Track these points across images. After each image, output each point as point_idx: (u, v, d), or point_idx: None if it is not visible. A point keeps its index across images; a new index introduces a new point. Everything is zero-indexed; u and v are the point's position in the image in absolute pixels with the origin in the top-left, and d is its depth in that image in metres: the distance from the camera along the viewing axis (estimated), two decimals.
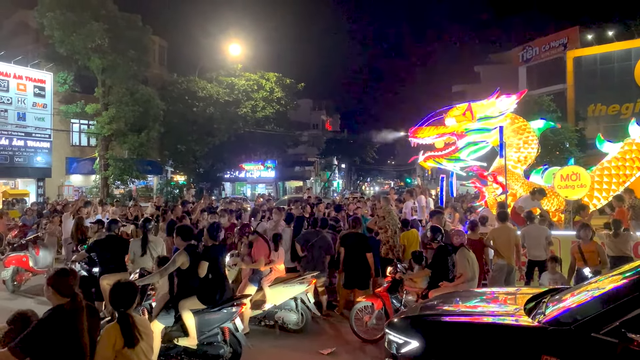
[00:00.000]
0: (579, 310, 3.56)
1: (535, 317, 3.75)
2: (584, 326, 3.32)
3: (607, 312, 3.31)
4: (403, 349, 4.09)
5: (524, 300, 4.27)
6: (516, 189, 11.53)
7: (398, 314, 4.71)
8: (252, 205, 16.30)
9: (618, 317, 3.18)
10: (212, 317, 5.75)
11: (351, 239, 8.20)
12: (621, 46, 38.46)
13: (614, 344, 3.08)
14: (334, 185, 62.95)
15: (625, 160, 10.96)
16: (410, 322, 4.33)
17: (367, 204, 14.63)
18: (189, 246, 5.76)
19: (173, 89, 31.05)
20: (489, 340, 3.74)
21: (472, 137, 11.63)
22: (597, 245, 7.28)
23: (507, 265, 7.85)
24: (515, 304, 4.26)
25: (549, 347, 3.39)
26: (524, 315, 3.87)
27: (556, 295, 4.20)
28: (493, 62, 50.14)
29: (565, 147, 30.42)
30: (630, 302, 3.28)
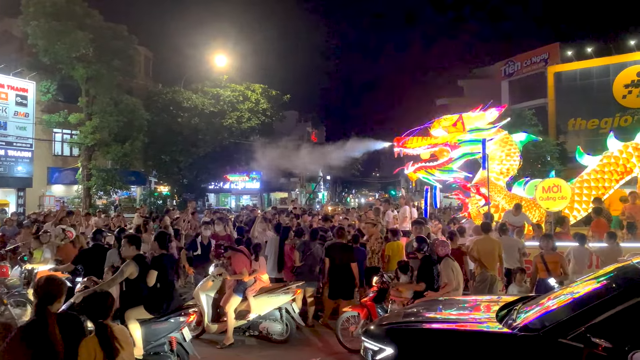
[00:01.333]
0: (546, 317, 3.66)
1: (506, 324, 3.83)
2: (551, 332, 3.42)
3: (573, 318, 3.42)
4: (378, 356, 4.13)
5: (497, 308, 4.36)
6: (499, 201, 11.69)
7: (373, 322, 4.76)
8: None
9: (583, 322, 3.29)
10: (159, 327, 5.67)
11: (336, 250, 8.22)
12: (600, 62, 39.40)
13: (579, 348, 3.17)
14: (319, 197, 62.95)
15: (604, 173, 11.21)
16: (385, 329, 4.38)
17: (352, 214, 14.70)
18: (138, 256, 5.69)
19: (158, 100, 30.93)
20: (460, 346, 3.82)
21: (467, 148, 11.73)
22: (559, 255, 7.43)
23: (490, 276, 7.94)
24: (488, 311, 4.34)
25: (517, 353, 3.49)
26: (496, 322, 3.94)
27: (527, 303, 4.31)
28: (476, 76, 50.94)
29: (546, 160, 30.96)
30: (594, 308, 3.39)
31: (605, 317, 3.30)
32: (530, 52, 43.72)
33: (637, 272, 3.66)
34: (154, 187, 35.19)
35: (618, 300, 3.35)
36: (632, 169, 11.13)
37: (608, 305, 3.35)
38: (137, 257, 5.66)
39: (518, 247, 8.47)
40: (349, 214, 16.29)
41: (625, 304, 3.30)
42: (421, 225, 8.74)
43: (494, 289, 7.92)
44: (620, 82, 36.48)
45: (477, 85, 47.01)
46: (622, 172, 11.18)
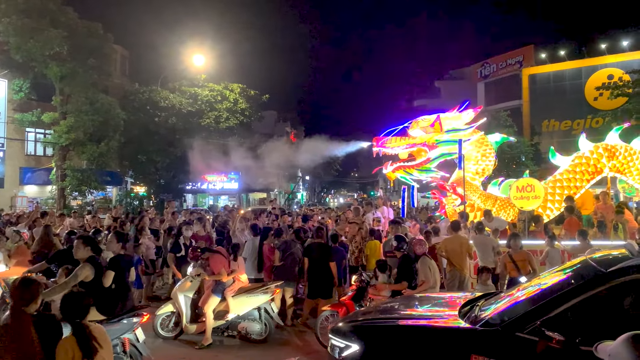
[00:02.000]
0: (505, 312, 3.77)
1: (468, 319, 3.94)
2: (509, 326, 3.55)
3: (529, 313, 3.54)
4: (344, 353, 4.20)
5: (460, 305, 4.48)
6: (474, 200, 11.89)
7: (339, 320, 4.84)
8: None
9: (539, 317, 3.42)
10: (111, 328, 5.59)
11: (314, 249, 8.27)
12: (572, 65, 40.32)
13: (535, 341, 3.29)
14: (297, 197, 62.92)
15: (575, 173, 11.49)
16: (350, 327, 4.45)
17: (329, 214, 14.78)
18: (91, 258, 5.60)
19: (134, 99, 30.51)
20: (423, 341, 3.92)
21: (444, 148, 11.91)
22: (527, 254, 7.60)
23: (459, 274, 8.09)
24: (452, 308, 4.44)
25: (477, 346, 3.60)
26: (458, 318, 4.06)
27: (488, 300, 4.44)
28: (453, 77, 51.62)
29: (521, 161, 31.57)
30: (549, 303, 3.52)
31: (559, 312, 3.44)
32: (506, 54, 44.54)
33: (589, 268, 3.77)
34: (130, 188, 34.72)
35: (570, 295, 3.48)
36: (602, 169, 11.43)
37: (561, 300, 3.49)
38: (91, 259, 5.57)
39: (493, 245, 8.65)
40: (326, 214, 16.40)
41: (576, 298, 3.44)
42: (398, 225, 8.86)
43: (464, 287, 8.06)
44: (592, 84, 37.42)
45: (454, 87, 47.66)
46: (593, 172, 11.48)
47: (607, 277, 3.45)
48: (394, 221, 9.07)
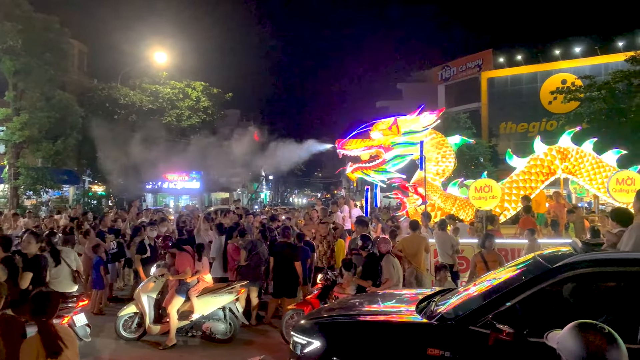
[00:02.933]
0: (459, 306, 3.96)
1: (425, 314, 4.11)
2: (463, 320, 3.73)
3: (482, 307, 3.73)
4: (306, 349, 4.29)
5: (418, 300, 4.65)
6: (435, 200, 12.22)
7: (301, 317, 4.93)
8: (176, 217, 16.00)
9: (490, 311, 3.61)
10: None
11: (280, 248, 8.34)
12: (528, 69, 41.73)
13: (486, 334, 3.47)
14: (261, 197, 62.60)
15: (531, 174, 11.98)
16: (312, 324, 4.55)
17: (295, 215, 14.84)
18: (6, 258, 5.54)
19: (93, 96, 29.69)
20: (382, 336, 4.06)
21: (399, 150, 12.19)
22: (498, 255, 7.86)
23: (415, 271, 8.33)
24: (410, 304, 4.59)
25: (433, 340, 3.76)
26: (415, 313, 4.22)
27: (445, 295, 4.63)
28: (415, 80, 52.50)
29: (479, 162, 32.44)
30: (500, 297, 3.73)
31: (509, 306, 3.64)
32: (465, 57, 45.65)
33: (537, 264, 3.98)
34: (88, 187, 33.76)
35: (520, 290, 3.69)
36: (556, 170, 11.96)
37: (511, 295, 3.69)
38: (6, 260, 5.46)
39: (451, 243, 8.91)
40: (290, 214, 16.45)
41: (525, 293, 3.65)
42: (364, 225, 9.00)
43: (422, 284, 8.28)
44: (546, 88, 38.82)
45: (415, 89, 48.51)
46: (547, 174, 11.99)
47: (553, 273, 3.66)
48: (361, 221, 9.19)
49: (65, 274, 6.89)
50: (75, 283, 7.04)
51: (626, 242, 3.85)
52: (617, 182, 10.66)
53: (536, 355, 3.39)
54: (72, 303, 6.27)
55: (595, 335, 1.74)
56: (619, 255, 3.77)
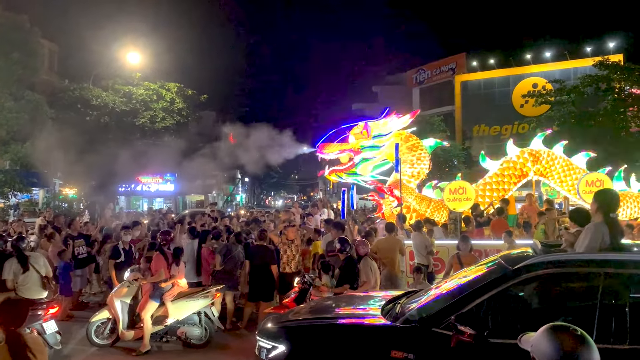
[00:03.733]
0: (423, 308, 3.97)
1: (390, 316, 4.12)
2: (426, 322, 3.75)
3: (444, 308, 3.75)
4: (271, 354, 4.27)
5: (384, 303, 4.65)
6: (410, 202, 12.32)
7: (266, 321, 4.91)
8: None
9: (453, 312, 3.64)
10: None
11: (256, 251, 8.29)
12: (501, 73, 42.49)
13: (449, 336, 3.49)
14: (237, 199, 62.20)
15: (504, 177, 12.19)
16: (277, 328, 4.52)
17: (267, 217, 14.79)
18: None
19: (64, 96, 29.00)
20: (346, 339, 4.07)
21: (366, 153, 12.41)
22: (474, 257, 7.96)
23: (390, 274, 8.38)
24: (375, 305, 4.59)
25: (397, 342, 3.77)
26: (379, 315, 4.23)
27: (410, 296, 4.64)
28: (390, 83, 52.88)
29: (454, 164, 32.85)
30: (462, 299, 3.76)
31: (471, 307, 3.67)
32: (439, 61, 46.23)
33: (498, 265, 4.02)
34: (58, 190, 33.00)
35: (481, 292, 3.73)
36: (528, 172, 12.19)
37: (473, 296, 3.73)
38: None
39: (425, 244, 9.00)
40: (267, 216, 16.36)
41: (487, 294, 3.68)
42: (341, 228, 8.99)
43: (398, 286, 8.33)
44: (518, 92, 39.63)
45: (390, 92, 48.85)
46: (519, 176, 12.22)
47: (513, 274, 3.69)
48: (337, 224, 9.15)
49: (34, 280, 6.72)
50: (45, 289, 6.86)
51: (582, 242, 3.94)
52: (587, 183, 10.92)
53: (497, 356, 3.46)
54: (42, 310, 6.12)
55: (569, 337, 1.78)
56: (574, 257, 3.84)
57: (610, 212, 3.92)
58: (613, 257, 3.64)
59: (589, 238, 3.85)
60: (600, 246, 3.79)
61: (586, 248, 3.85)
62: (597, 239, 3.80)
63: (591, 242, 3.82)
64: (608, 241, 3.77)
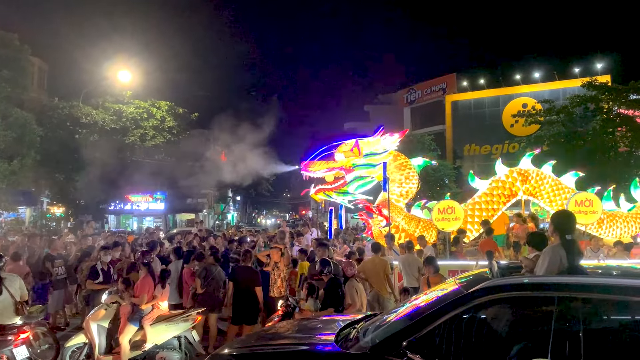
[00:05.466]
0: (376, 334, 3.78)
1: (342, 342, 3.93)
2: (377, 349, 3.56)
3: (397, 334, 3.57)
4: None
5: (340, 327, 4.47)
6: (399, 221, 12.18)
7: (222, 347, 4.74)
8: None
9: (405, 338, 3.46)
10: None
11: (240, 273, 8.07)
12: (491, 93, 42.90)
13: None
14: (228, 217, 61.78)
15: (492, 196, 12.10)
16: (226, 354, 4.37)
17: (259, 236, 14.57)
18: None
19: (53, 114, 28.81)
20: None
21: (359, 171, 12.24)
22: (441, 277, 7.79)
23: (377, 295, 8.19)
24: (333, 330, 4.39)
25: None
26: (333, 341, 4.03)
27: (368, 321, 4.42)
28: (381, 102, 53.26)
29: (444, 183, 32.86)
30: (416, 324, 3.58)
31: (424, 333, 3.49)
32: (430, 81, 46.66)
33: (454, 290, 3.85)
34: (46, 208, 32.59)
35: (435, 317, 3.55)
36: (517, 192, 12.12)
37: (426, 322, 3.54)
38: None
39: (418, 266, 8.80)
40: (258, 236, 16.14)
41: (440, 319, 3.51)
42: (325, 247, 8.83)
43: (384, 307, 8.14)
44: (508, 112, 39.94)
45: (382, 111, 49.17)
46: (508, 195, 12.14)
47: (467, 298, 3.54)
48: (321, 243, 8.99)
49: (6, 305, 6.44)
50: (18, 314, 6.57)
51: (540, 266, 3.84)
52: (576, 203, 10.86)
53: None
54: (12, 335, 5.87)
55: None
56: (527, 280, 3.72)
57: (567, 234, 3.83)
58: (568, 280, 3.52)
59: (547, 261, 3.75)
60: (558, 269, 3.69)
61: (545, 271, 3.75)
62: (555, 262, 3.71)
63: (549, 265, 3.72)
64: (566, 263, 3.68)
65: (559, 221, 4.03)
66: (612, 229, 11.69)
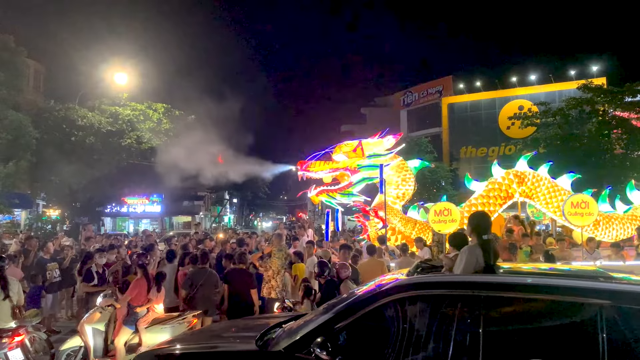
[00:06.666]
0: (291, 333, 3.85)
1: (266, 342, 3.98)
2: (291, 348, 3.64)
3: (308, 333, 3.64)
4: None
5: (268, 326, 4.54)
6: (395, 223, 12.18)
7: (144, 352, 4.78)
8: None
9: (315, 337, 3.52)
10: None
11: (235, 275, 8.04)
12: (487, 95, 43.00)
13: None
14: (224, 220, 61.69)
15: (489, 198, 12.11)
16: (149, 355, 4.43)
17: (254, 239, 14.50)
18: None
19: (49, 117, 28.74)
20: None
21: (365, 172, 12.17)
22: None
23: None
24: (261, 330, 4.43)
25: None
26: (252, 341, 4.07)
27: (293, 321, 4.48)
28: (378, 105, 53.36)
29: (441, 185, 32.90)
30: (328, 322, 3.66)
31: (337, 330, 3.58)
32: (426, 83, 46.76)
33: (369, 288, 3.91)
34: (42, 211, 32.46)
35: (347, 314, 3.63)
36: (513, 194, 12.14)
37: (339, 319, 3.63)
38: None
39: None
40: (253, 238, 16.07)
41: (352, 317, 3.59)
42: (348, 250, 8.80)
43: None
44: (504, 114, 40.02)
45: (379, 114, 49.26)
46: (505, 197, 12.15)
47: (377, 297, 3.62)
48: (344, 246, 8.98)
49: (4, 308, 6.42)
50: (14, 318, 6.55)
51: (457, 265, 3.92)
52: (572, 205, 10.86)
53: None
54: (7, 338, 5.84)
55: None
56: (435, 279, 3.79)
57: (484, 234, 3.90)
58: (477, 279, 3.58)
59: (464, 261, 3.82)
60: (474, 268, 3.75)
61: (462, 270, 3.81)
62: (472, 261, 3.77)
63: (466, 264, 3.79)
64: (482, 263, 3.75)
65: (476, 222, 4.11)
66: (608, 231, 11.72)
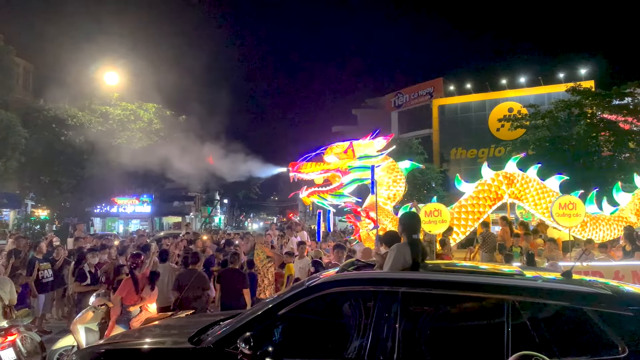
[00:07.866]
0: (222, 329, 3.95)
1: (197, 339, 4.05)
2: (220, 343, 3.74)
3: (238, 328, 3.75)
4: None
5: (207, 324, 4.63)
6: (386, 224, 12.26)
7: (84, 348, 4.85)
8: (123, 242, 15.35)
9: (243, 332, 3.60)
10: None
11: (228, 275, 8.08)
12: (477, 97, 43.32)
13: (236, 355, 3.51)
14: (215, 221, 61.50)
15: (479, 199, 12.24)
16: (88, 352, 4.50)
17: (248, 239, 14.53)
18: None
19: (39, 116, 28.54)
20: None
21: (356, 174, 12.22)
22: None
23: None
24: (199, 326, 4.48)
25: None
26: (190, 337, 4.13)
27: (232, 318, 4.55)
28: (369, 106, 53.53)
29: (431, 186, 33.11)
30: (253, 320, 3.78)
31: (263, 326, 3.69)
32: (417, 85, 47.03)
33: (299, 284, 4.02)
34: (30, 211, 32.20)
35: (276, 309, 3.74)
36: (502, 195, 12.28)
37: (267, 315, 3.75)
38: None
39: None
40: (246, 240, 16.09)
41: (280, 312, 3.70)
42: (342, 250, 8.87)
43: None
44: (494, 116, 40.35)
45: (369, 115, 49.43)
46: (494, 198, 12.29)
47: (306, 292, 3.73)
48: (338, 245, 9.05)
49: None
50: (5, 318, 6.55)
51: (386, 262, 4.08)
52: (560, 206, 11.01)
53: None
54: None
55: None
56: (356, 275, 3.95)
57: (413, 234, 4.10)
58: (394, 275, 3.72)
59: (392, 258, 3.97)
60: (402, 265, 3.90)
61: (390, 267, 3.95)
62: (399, 259, 3.91)
63: (394, 261, 3.93)
64: (410, 260, 3.89)
65: (407, 222, 4.31)
66: (595, 232, 11.90)
